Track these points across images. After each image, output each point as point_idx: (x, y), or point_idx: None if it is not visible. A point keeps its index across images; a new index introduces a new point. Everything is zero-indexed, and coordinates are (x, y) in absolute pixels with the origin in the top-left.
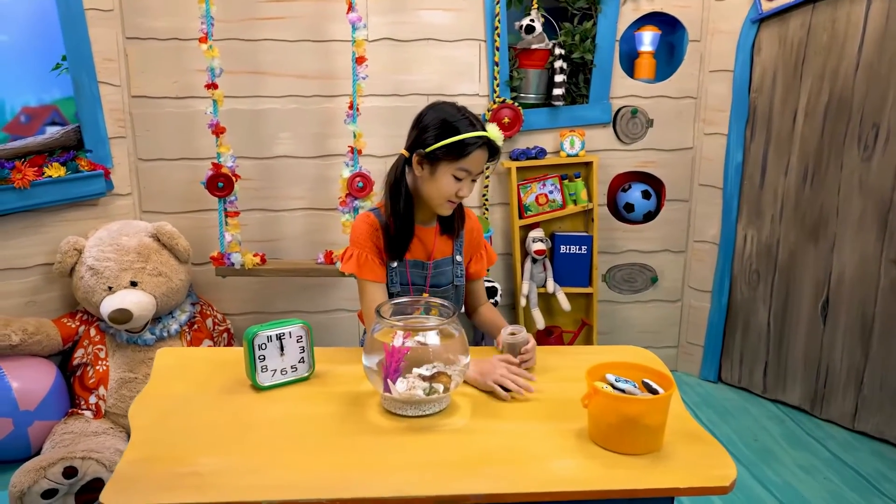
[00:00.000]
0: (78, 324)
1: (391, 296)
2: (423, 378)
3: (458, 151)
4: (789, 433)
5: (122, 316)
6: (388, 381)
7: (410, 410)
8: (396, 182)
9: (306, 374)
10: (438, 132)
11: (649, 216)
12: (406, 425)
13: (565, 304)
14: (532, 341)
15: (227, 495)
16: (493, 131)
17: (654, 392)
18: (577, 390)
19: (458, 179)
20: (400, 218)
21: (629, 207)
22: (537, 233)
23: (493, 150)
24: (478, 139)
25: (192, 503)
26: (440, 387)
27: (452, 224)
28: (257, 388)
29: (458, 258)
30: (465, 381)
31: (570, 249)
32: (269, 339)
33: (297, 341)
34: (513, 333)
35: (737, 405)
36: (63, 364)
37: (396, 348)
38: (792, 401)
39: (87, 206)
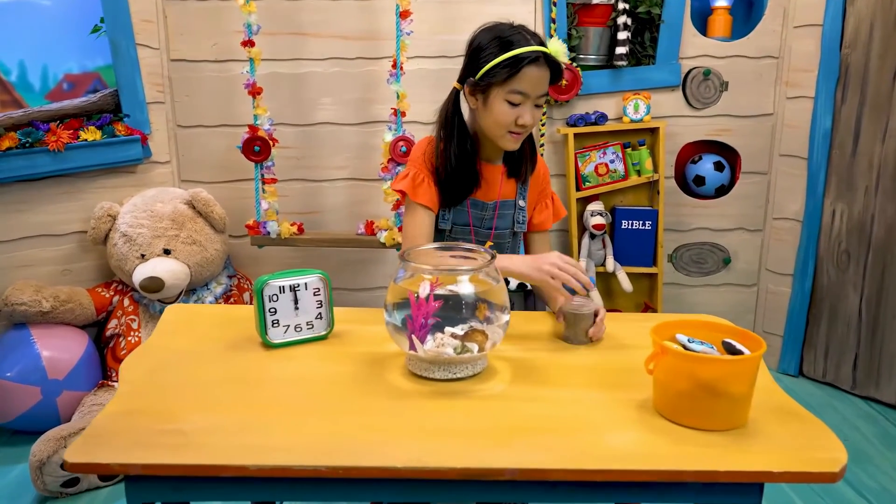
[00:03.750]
0: (112, 293)
1: (440, 233)
2: (455, 336)
3: (508, 71)
4: (884, 433)
5: (154, 284)
6: (414, 337)
7: (438, 372)
8: (449, 119)
9: (324, 333)
10: (487, 54)
11: (722, 190)
12: (432, 389)
13: (627, 285)
14: (602, 311)
15: (210, 457)
16: (554, 45)
17: (738, 353)
18: (639, 357)
19: (513, 105)
20: (459, 159)
21: (699, 180)
22: (596, 206)
23: (554, 69)
24: (529, 54)
25: (165, 463)
26: (474, 346)
27: (520, 167)
28: (268, 345)
29: (522, 203)
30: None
31: (632, 225)
32: (282, 290)
33: (314, 294)
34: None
35: (821, 402)
36: (99, 335)
37: (423, 300)
38: (887, 398)
39: (125, 172)
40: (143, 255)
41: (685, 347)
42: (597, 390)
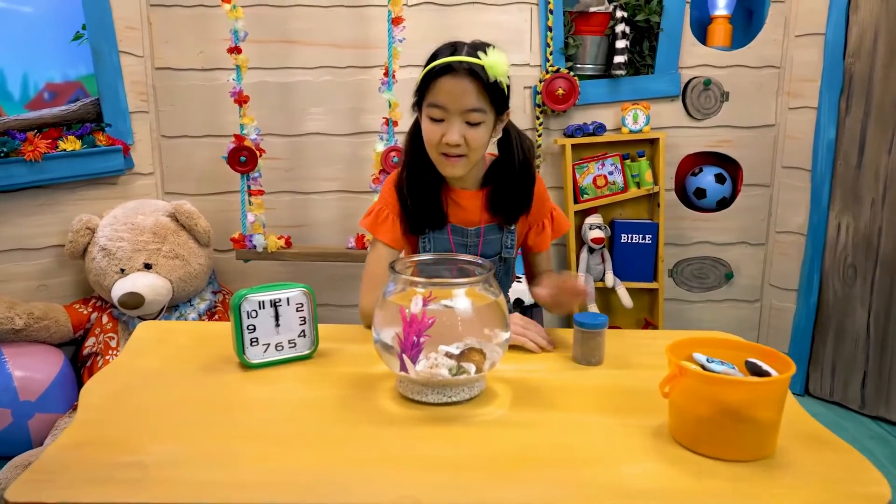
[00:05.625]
0: (90, 310)
1: None
2: (450, 356)
3: (424, 84)
4: None
5: (133, 300)
6: (405, 357)
7: (432, 396)
8: (408, 146)
9: (307, 352)
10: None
11: (723, 203)
12: (425, 414)
13: (627, 300)
14: (590, 285)
15: (170, 494)
16: (489, 57)
17: (765, 374)
18: (650, 378)
19: (434, 121)
20: (418, 189)
21: (700, 193)
22: (595, 219)
23: (486, 82)
24: (441, 64)
25: (117, 503)
26: (471, 367)
27: (503, 207)
28: (245, 365)
29: (511, 227)
30: None
31: (632, 239)
32: (261, 305)
33: (297, 310)
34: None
35: (829, 422)
36: (76, 354)
37: (416, 316)
38: None
39: (106, 184)
40: (122, 270)
41: (703, 368)
42: (606, 415)
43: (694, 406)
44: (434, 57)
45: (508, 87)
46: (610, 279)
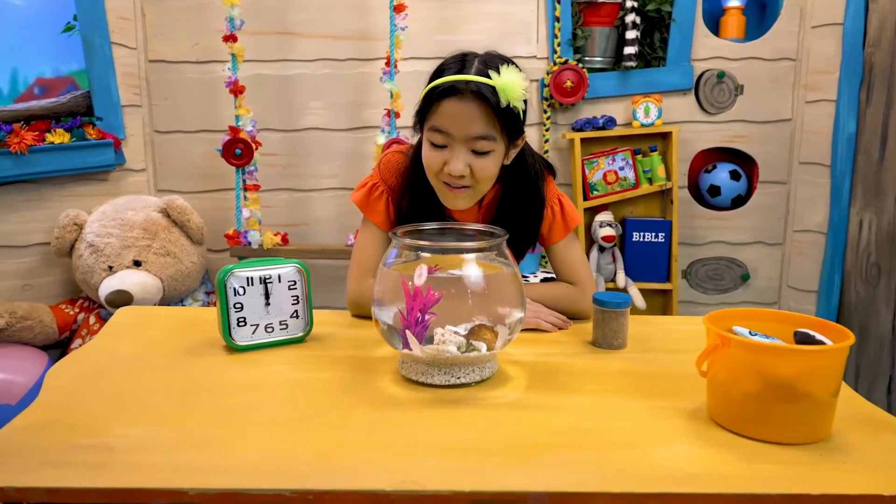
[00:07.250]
0: (77, 311)
1: None
2: (458, 333)
3: (426, 104)
4: None
5: (121, 298)
6: (408, 333)
7: (439, 377)
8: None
9: (300, 334)
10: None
11: (738, 201)
12: (432, 397)
13: (640, 302)
14: None
15: (139, 478)
16: (503, 77)
17: (819, 344)
18: (681, 363)
19: (435, 147)
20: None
21: (714, 191)
22: (605, 216)
23: (496, 106)
24: (446, 83)
25: (78, 487)
26: (482, 345)
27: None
28: (232, 348)
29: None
30: None
31: (644, 237)
32: (250, 281)
33: (290, 288)
34: None
35: None
36: (62, 357)
37: (419, 288)
38: None
39: (96, 180)
40: (110, 267)
41: None
42: (634, 398)
43: (739, 382)
44: (440, 71)
45: (525, 111)
46: (621, 279)
